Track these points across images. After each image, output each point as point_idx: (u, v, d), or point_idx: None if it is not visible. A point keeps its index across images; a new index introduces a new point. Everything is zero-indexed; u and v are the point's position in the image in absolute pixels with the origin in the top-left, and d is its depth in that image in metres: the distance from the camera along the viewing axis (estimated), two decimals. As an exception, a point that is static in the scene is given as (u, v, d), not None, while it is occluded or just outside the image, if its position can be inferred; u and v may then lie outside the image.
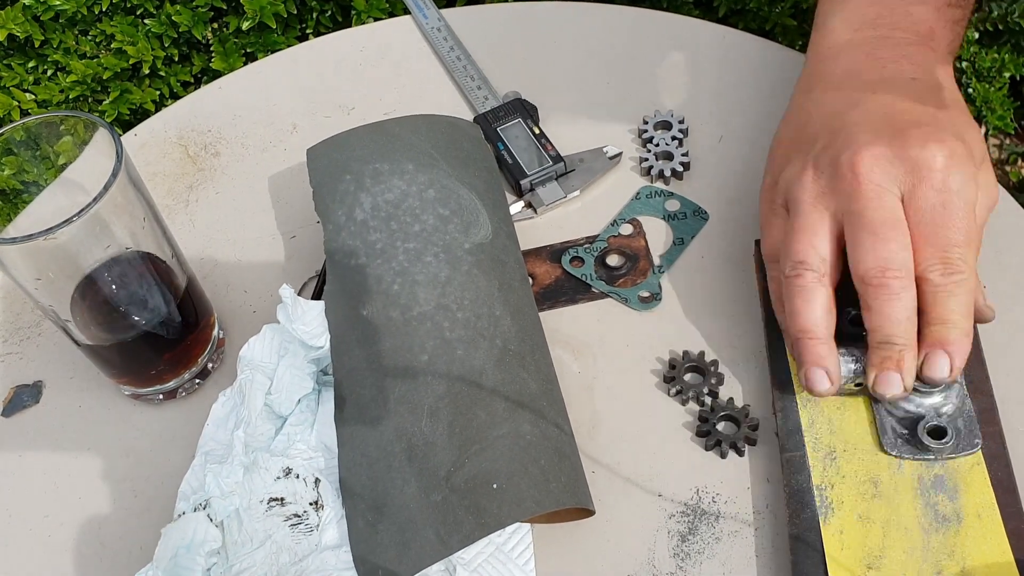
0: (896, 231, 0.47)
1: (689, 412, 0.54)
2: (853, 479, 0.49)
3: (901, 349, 0.47)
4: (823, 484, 0.48)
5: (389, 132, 0.58)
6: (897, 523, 0.47)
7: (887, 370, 0.47)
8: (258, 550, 0.48)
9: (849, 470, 0.49)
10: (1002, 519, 0.47)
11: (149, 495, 0.54)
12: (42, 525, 0.54)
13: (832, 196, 0.49)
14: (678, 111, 0.66)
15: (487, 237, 0.54)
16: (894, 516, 0.47)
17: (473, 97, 0.68)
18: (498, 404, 0.48)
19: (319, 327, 0.52)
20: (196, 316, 0.56)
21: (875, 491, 0.48)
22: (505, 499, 0.46)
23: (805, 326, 0.48)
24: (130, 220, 0.50)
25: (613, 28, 0.71)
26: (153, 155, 0.69)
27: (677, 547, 0.49)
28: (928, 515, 0.47)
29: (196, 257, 0.63)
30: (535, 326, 0.54)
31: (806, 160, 0.50)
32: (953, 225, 0.47)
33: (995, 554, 0.46)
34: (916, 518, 0.47)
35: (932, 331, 0.47)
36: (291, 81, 0.72)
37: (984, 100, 1.01)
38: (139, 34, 0.96)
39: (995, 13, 1.00)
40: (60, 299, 0.50)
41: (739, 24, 0.98)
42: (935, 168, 0.47)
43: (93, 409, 0.57)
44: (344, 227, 0.54)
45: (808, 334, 0.48)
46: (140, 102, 0.98)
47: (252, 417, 0.51)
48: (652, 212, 0.62)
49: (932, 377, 0.47)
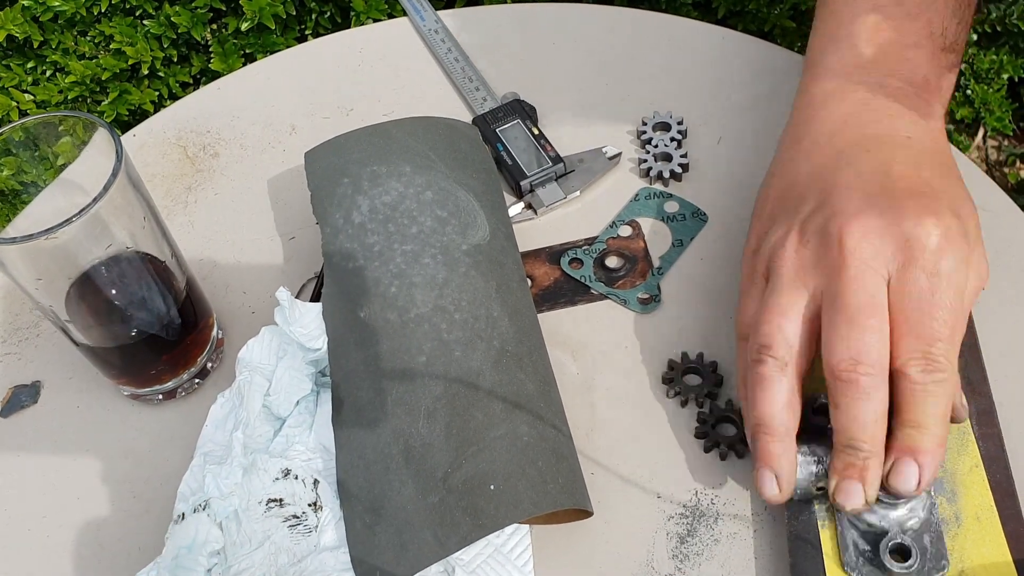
0: (874, 319, 0.43)
1: (688, 414, 0.54)
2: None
3: (866, 457, 0.43)
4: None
5: (387, 134, 0.58)
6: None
7: (849, 478, 0.44)
8: (257, 551, 0.48)
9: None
10: (1001, 521, 0.47)
11: (148, 496, 0.54)
12: (40, 526, 0.54)
13: (814, 271, 0.45)
14: (677, 112, 0.66)
15: (485, 238, 0.55)
16: (892, 518, 0.47)
17: (471, 98, 0.68)
18: (496, 405, 0.48)
19: (317, 329, 0.52)
20: (195, 317, 0.56)
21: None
22: (503, 500, 0.46)
23: (762, 419, 0.45)
24: (129, 221, 0.50)
25: (611, 29, 0.71)
26: (152, 156, 0.69)
27: (676, 548, 0.49)
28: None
29: (195, 258, 0.63)
30: (533, 327, 0.54)
31: (791, 224, 0.47)
32: (940, 316, 0.43)
33: (994, 556, 0.46)
34: (914, 520, 0.47)
35: (904, 435, 0.44)
36: (290, 82, 0.72)
37: (983, 101, 1.01)
38: (138, 35, 0.96)
39: (993, 15, 1.00)
40: (59, 300, 0.50)
41: (738, 25, 0.98)
42: (928, 248, 0.44)
43: (92, 409, 0.57)
44: (342, 230, 0.54)
45: (764, 428, 0.45)
46: (139, 103, 0.98)
47: (251, 418, 0.51)
48: (651, 214, 0.62)
49: (898, 489, 0.44)
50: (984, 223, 0.58)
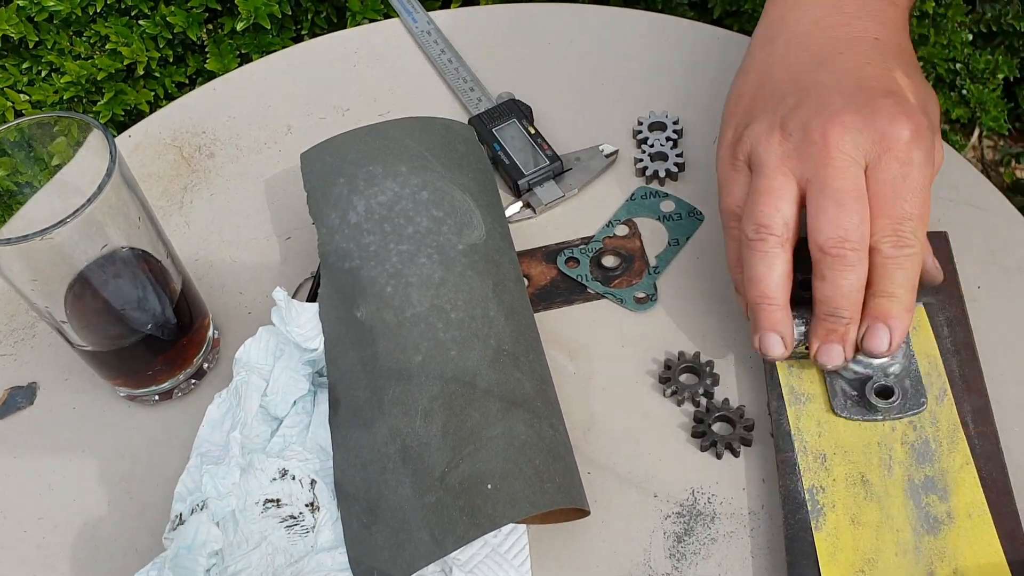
0: (858, 203, 0.48)
1: (684, 413, 0.54)
2: (844, 482, 0.49)
3: (847, 322, 0.49)
4: (814, 487, 0.49)
5: (383, 135, 0.58)
6: (889, 525, 0.47)
7: (830, 342, 0.49)
8: (254, 551, 0.48)
9: (840, 473, 0.49)
10: (996, 520, 0.47)
11: (144, 497, 0.54)
12: (36, 527, 0.53)
13: (799, 160, 0.49)
14: (672, 112, 0.66)
15: (481, 238, 0.55)
16: (885, 518, 0.47)
17: (466, 99, 0.68)
18: (492, 405, 0.48)
19: (313, 329, 0.52)
20: (191, 317, 0.56)
21: (866, 493, 0.48)
22: (499, 499, 0.46)
23: (765, 291, 0.49)
24: (125, 221, 0.50)
25: (606, 29, 0.71)
26: (148, 156, 0.69)
27: (673, 547, 0.49)
28: (919, 516, 0.47)
29: (191, 258, 0.63)
30: (530, 327, 0.54)
31: (774, 119, 0.50)
32: (910, 198, 0.48)
33: (987, 554, 0.46)
34: (907, 519, 0.47)
35: (876, 303, 0.48)
36: (286, 82, 0.72)
37: (978, 101, 1.01)
38: (133, 35, 0.96)
39: (988, 15, 1.00)
40: (55, 301, 0.50)
41: (734, 25, 0.98)
42: (901, 140, 0.48)
43: (88, 411, 0.57)
44: (338, 230, 0.54)
45: (767, 299, 0.49)
46: (134, 103, 0.98)
47: (248, 419, 0.51)
48: (647, 213, 0.62)
49: (872, 350, 0.49)
50: (980, 222, 0.58)
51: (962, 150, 1.10)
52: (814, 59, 0.52)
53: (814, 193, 0.48)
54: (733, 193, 0.52)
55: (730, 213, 0.52)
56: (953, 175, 0.60)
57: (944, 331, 0.53)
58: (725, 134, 0.54)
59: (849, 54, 0.52)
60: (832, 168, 0.48)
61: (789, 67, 0.53)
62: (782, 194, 0.49)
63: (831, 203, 0.48)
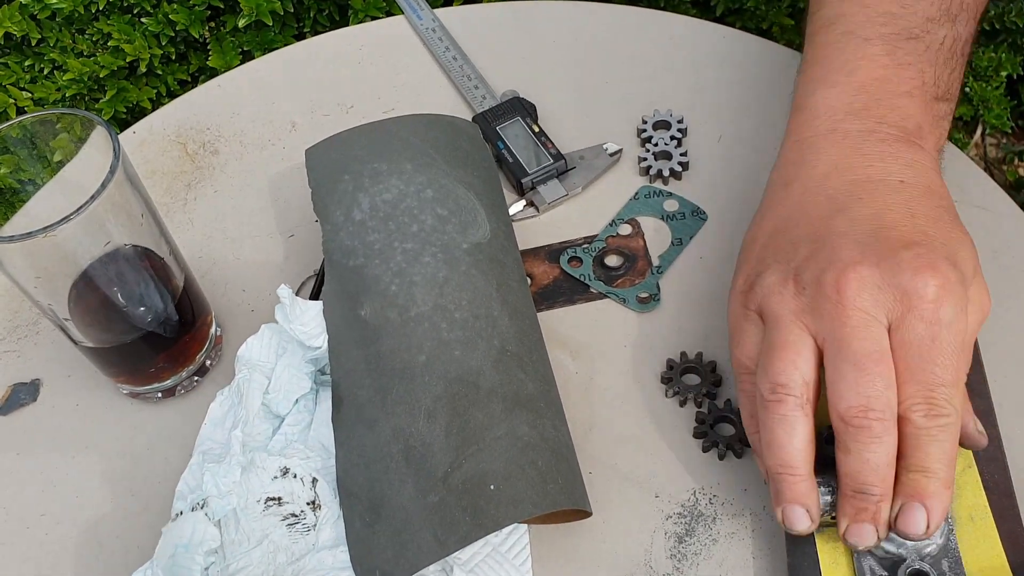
0: (881, 366, 0.43)
1: (687, 413, 0.54)
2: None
3: (878, 500, 0.44)
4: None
5: (387, 132, 0.57)
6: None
7: (860, 522, 0.44)
8: (255, 549, 0.48)
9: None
10: (998, 522, 0.47)
11: (147, 494, 0.54)
12: (39, 524, 0.54)
13: (813, 316, 0.45)
14: (676, 111, 0.66)
15: (485, 237, 0.54)
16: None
17: (471, 96, 0.68)
18: (495, 405, 0.48)
19: (317, 327, 0.52)
20: (193, 314, 0.56)
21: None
22: (502, 500, 0.46)
23: (787, 461, 0.45)
24: (128, 218, 0.49)
25: (610, 27, 0.71)
26: (152, 153, 0.69)
27: (674, 548, 0.49)
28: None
29: (194, 255, 0.62)
30: (533, 326, 0.54)
31: (787, 271, 0.47)
32: (941, 362, 0.43)
33: (989, 557, 0.46)
34: (912, 520, 0.47)
35: (910, 479, 0.44)
36: (289, 79, 0.72)
37: (981, 99, 1.01)
38: (136, 33, 0.96)
39: (992, 12, 1.00)
40: (58, 298, 0.50)
41: (737, 23, 0.98)
42: (926, 299, 0.44)
43: (91, 407, 0.57)
44: (342, 227, 0.54)
45: (790, 470, 0.45)
46: (137, 100, 0.98)
47: (250, 417, 0.51)
48: (651, 212, 0.62)
49: (907, 533, 0.44)
50: (982, 222, 0.58)
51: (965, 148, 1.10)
52: (832, 205, 0.48)
53: (831, 355, 0.44)
54: (744, 345, 0.48)
55: (742, 367, 0.48)
56: (956, 174, 0.59)
57: (947, 332, 0.53)
58: (737, 280, 0.51)
59: (869, 199, 0.48)
60: (849, 328, 0.44)
61: (805, 213, 0.49)
62: (799, 350, 0.45)
63: (850, 367, 0.43)
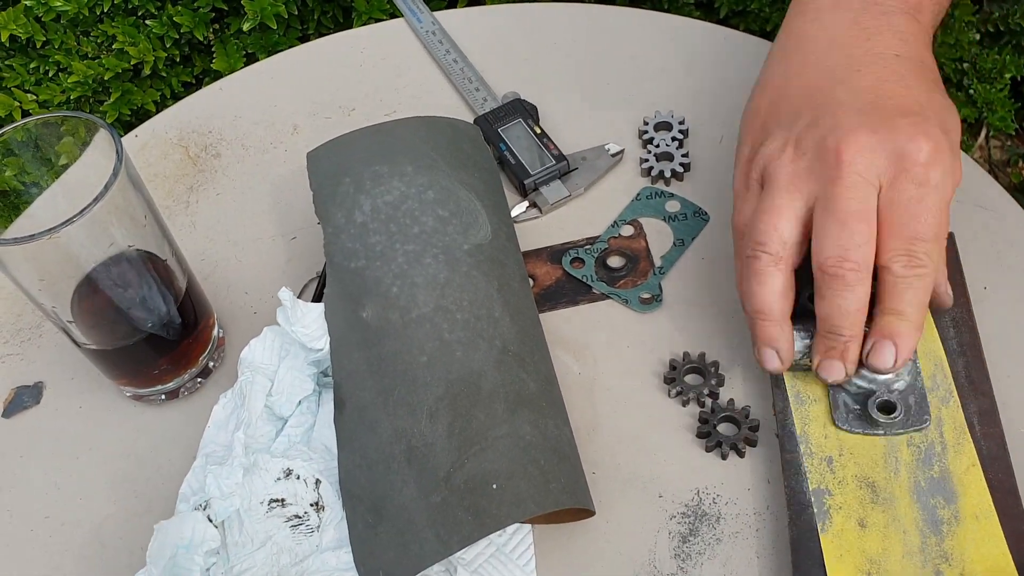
0: (863, 224, 0.47)
1: (689, 413, 0.54)
2: (850, 484, 0.48)
3: (847, 340, 0.48)
4: (821, 488, 0.48)
5: (389, 134, 0.58)
6: (895, 527, 0.47)
7: (831, 358, 0.49)
8: (258, 551, 0.49)
9: (846, 475, 0.49)
10: (1003, 521, 0.47)
11: (150, 496, 0.54)
12: (43, 526, 0.54)
13: (809, 178, 0.48)
14: (678, 112, 0.66)
15: (486, 238, 0.54)
16: (892, 520, 0.47)
17: (472, 99, 0.68)
18: (497, 405, 0.48)
19: (319, 329, 0.52)
20: (196, 317, 0.56)
21: (872, 495, 0.48)
22: (504, 499, 0.46)
23: (758, 307, 0.49)
24: (130, 221, 0.50)
25: (611, 29, 0.71)
26: (154, 156, 0.69)
27: (678, 548, 0.49)
28: (926, 518, 0.47)
29: (196, 258, 0.63)
30: (535, 327, 0.54)
31: (788, 136, 0.50)
32: (925, 219, 0.47)
33: (993, 556, 0.46)
34: (914, 521, 0.47)
35: (884, 321, 0.48)
36: (292, 82, 0.72)
37: (985, 101, 1.01)
38: (140, 35, 0.96)
39: (996, 14, 1.00)
40: (61, 300, 0.50)
41: (740, 25, 0.98)
42: (919, 162, 0.47)
43: (94, 410, 0.57)
44: (344, 229, 0.54)
45: (761, 315, 0.49)
46: (141, 103, 0.98)
47: (252, 419, 0.51)
48: (652, 213, 0.62)
49: (876, 366, 0.48)
50: (986, 223, 0.58)
51: (969, 150, 1.10)
52: (832, 76, 0.51)
53: (820, 211, 0.48)
54: (743, 211, 0.52)
55: (737, 231, 0.52)
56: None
57: (950, 332, 0.53)
58: (742, 150, 0.53)
59: (867, 71, 0.51)
60: (841, 187, 0.47)
61: (805, 83, 0.52)
62: (783, 212, 0.49)
63: (834, 222, 0.47)
